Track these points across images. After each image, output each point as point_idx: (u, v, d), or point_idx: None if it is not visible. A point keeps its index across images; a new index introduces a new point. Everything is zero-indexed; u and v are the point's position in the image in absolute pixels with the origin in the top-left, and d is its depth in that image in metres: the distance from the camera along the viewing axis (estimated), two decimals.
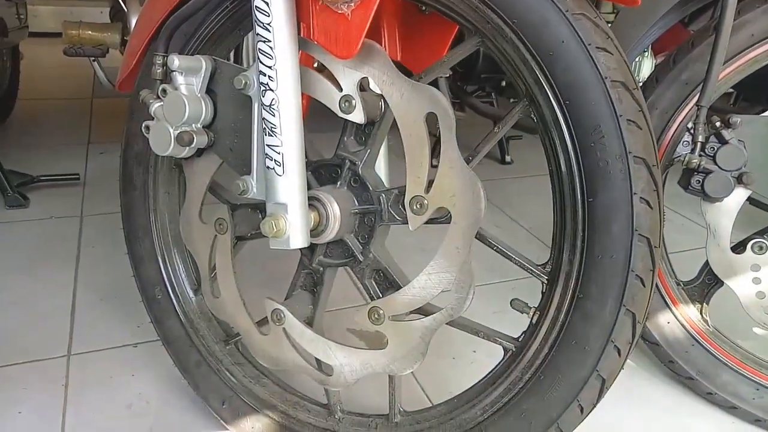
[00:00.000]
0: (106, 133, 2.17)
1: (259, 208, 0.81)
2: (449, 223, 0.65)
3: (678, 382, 1.08)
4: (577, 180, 0.60)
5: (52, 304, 1.22)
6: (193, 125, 0.76)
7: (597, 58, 0.57)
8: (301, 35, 0.68)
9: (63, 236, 1.48)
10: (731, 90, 1.72)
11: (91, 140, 2.13)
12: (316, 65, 0.76)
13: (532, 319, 0.67)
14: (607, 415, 1.00)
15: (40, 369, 1.04)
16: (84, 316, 1.19)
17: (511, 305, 0.69)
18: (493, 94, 1.88)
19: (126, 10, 1.60)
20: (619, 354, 0.60)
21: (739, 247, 0.95)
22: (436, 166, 0.65)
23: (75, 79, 2.84)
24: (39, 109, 2.46)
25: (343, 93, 0.70)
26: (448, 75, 0.74)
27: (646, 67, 1.36)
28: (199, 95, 0.76)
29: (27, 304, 1.21)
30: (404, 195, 0.68)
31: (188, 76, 0.75)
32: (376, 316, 0.70)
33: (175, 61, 0.72)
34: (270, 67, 0.66)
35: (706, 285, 1.01)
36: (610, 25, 1.36)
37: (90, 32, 1.64)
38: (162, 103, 0.75)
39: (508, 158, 2.11)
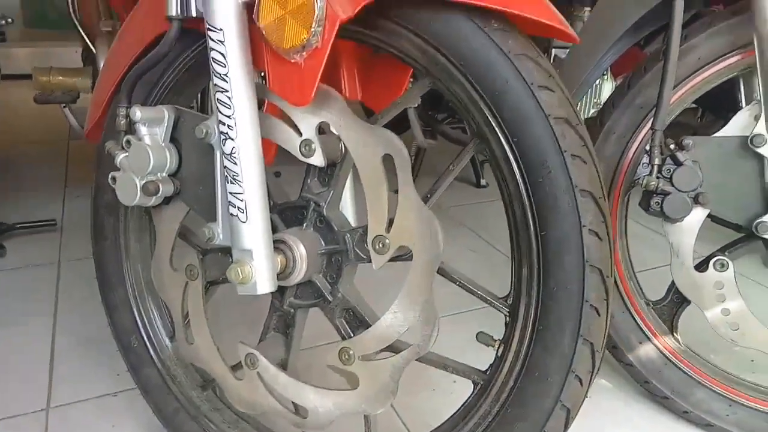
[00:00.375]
0: (83, 177, 2.17)
1: (229, 252, 0.82)
2: (411, 260, 0.66)
3: (655, 402, 1.09)
4: (529, 214, 0.62)
5: (31, 355, 1.20)
6: (159, 174, 0.77)
7: (540, 96, 0.60)
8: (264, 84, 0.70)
9: (41, 284, 1.47)
10: (694, 105, 1.77)
11: (68, 184, 2.13)
12: None
13: (497, 351, 0.68)
14: None
15: (18, 426, 1.02)
16: (63, 366, 1.18)
17: (477, 338, 0.70)
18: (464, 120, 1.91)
19: (95, 53, 1.61)
20: (581, 383, 0.61)
21: (702, 266, 0.97)
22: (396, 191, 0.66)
23: (50, 121, 2.84)
24: (14, 154, 2.45)
25: (303, 138, 0.71)
26: (416, 105, 0.75)
27: (606, 89, 1.40)
28: (163, 144, 0.77)
29: (4, 356, 1.20)
30: (368, 234, 0.69)
31: (151, 127, 0.76)
32: (346, 356, 0.71)
33: (137, 113, 0.74)
34: (229, 117, 0.67)
35: (675, 304, 1.03)
36: (566, 51, 1.40)
37: (61, 77, 1.65)
38: (127, 154, 0.77)
39: (483, 182, 2.14)
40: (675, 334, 1.04)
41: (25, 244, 1.67)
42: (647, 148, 0.91)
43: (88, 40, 1.59)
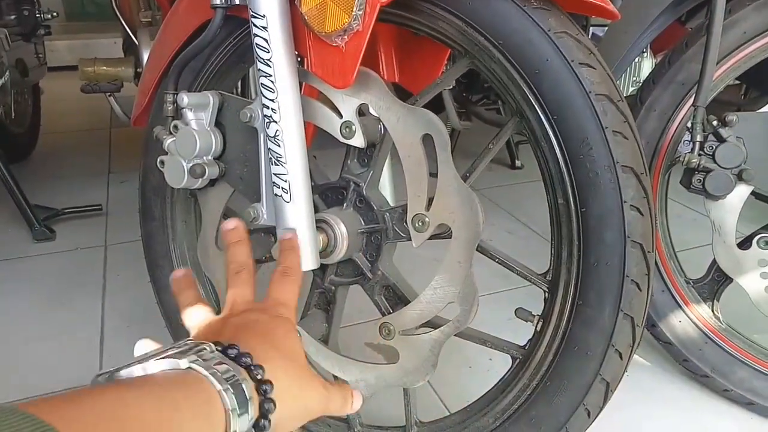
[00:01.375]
0: (126, 162, 2.24)
1: (272, 232, 0.85)
2: (451, 238, 0.68)
3: (694, 380, 1.08)
4: (569, 191, 0.62)
5: (82, 333, 1.26)
6: (205, 157, 0.80)
7: (581, 73, 0.60)
8: (303, 67, 0.72)
9: (89, 266, 1.54)
10: (738, 82, 1.72)
11: (112, 170, 2.20)
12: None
13: (536, 327, 0.69)
14: (625, 416, 1.01)
15: None
16: (112, 343, 1.23)
17: (515, 314, 0.71)
18: (499, 101, 1.91)
19: (137, 43, 1.66)
20: (621, 357, 0.62)
21: (745, 243, 0.96)
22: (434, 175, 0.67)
23: (92, 110, 2.93)
24: (60, 142, 2.54)
25: (344, 119, 0.73)
26: (451, 87, 0.76)
27: (646, 67, 1.37)
28: (208, 129, 0.79)
29: (58, 334, 1.26)
30: (407, 213, 0.71)
31: (197, 112, 0.79)
32: (386, 331, 0.73)
33: (185, 99, 0.76)
34: (272, 100, 0.69)
35: (716, 282, 1.02)
36: (605, 28, 1.38)
37: (105, 68, 1.71)
38: (174, 138, 0.80)
39: (518, 163, 2.13)
40: (716, 312, 1.03)
41: (73, 229, 1.74)
42: (689, 125, 0.90)
43: (129, 31, 1.64)
